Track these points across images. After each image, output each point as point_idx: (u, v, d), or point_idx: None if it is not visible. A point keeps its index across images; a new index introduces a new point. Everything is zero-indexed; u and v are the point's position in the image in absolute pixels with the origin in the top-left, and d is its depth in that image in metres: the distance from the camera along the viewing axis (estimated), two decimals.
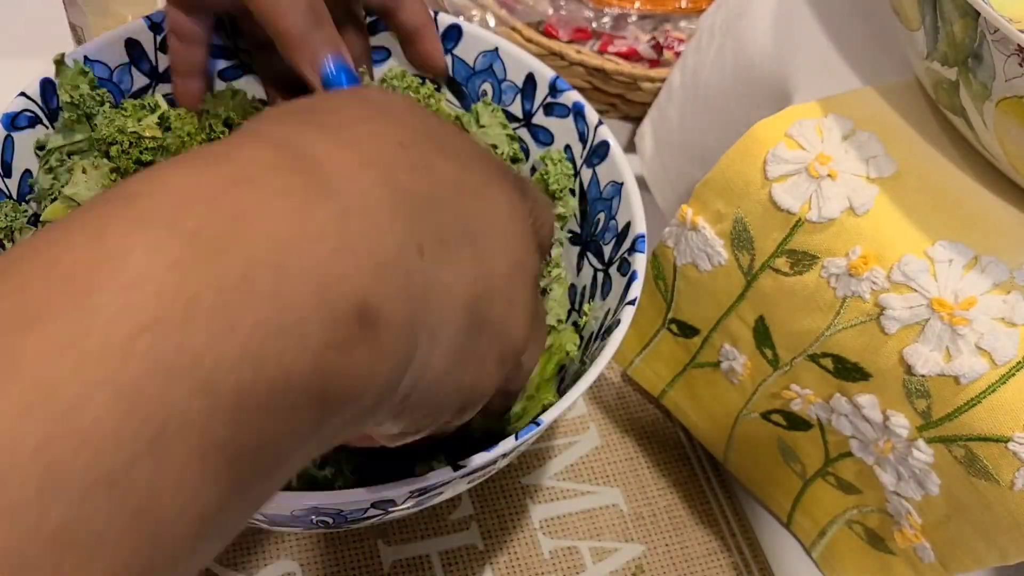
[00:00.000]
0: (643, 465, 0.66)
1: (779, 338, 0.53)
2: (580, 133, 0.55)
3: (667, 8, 0.79)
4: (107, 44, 0.51)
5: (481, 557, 0.60)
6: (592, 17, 0.78)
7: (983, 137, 0.46)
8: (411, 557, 0.59)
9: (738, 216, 0.51)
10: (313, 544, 0.58)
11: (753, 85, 0.57)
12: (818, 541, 0.59)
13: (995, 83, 0.42)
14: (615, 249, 0.52)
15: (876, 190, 0.47)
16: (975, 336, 0.44)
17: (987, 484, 0.46)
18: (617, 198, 0.53)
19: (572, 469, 0.65)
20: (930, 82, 0.48)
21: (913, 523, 0.51)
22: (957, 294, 0.45)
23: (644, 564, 0.61)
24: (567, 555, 0.61)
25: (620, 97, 0.78)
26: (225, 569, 0.57)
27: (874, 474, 0.52)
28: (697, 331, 0.58)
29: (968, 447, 0.46)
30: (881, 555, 0.55)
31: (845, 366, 0.50)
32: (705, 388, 0.61)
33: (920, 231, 0.46)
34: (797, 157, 0.48)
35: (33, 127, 0.49)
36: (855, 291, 0.47)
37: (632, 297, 0.47)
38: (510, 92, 0.57)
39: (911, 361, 0.46)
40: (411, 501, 0.42)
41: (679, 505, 0.64)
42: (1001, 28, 0.39)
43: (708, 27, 0.62)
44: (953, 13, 0.42)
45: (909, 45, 0.48)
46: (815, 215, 0.48)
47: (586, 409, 0.68)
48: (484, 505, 0.62)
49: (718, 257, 0.53)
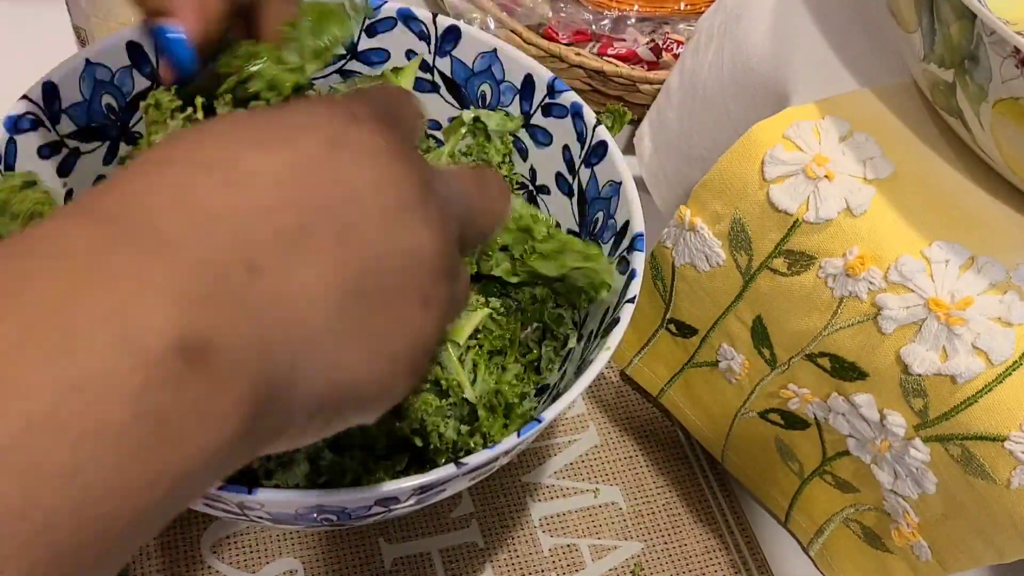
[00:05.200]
0: (642, 464, 0.66)
1: (777, 338, 0.53)
2: (578, 133, 0.56)
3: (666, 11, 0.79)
4: (110, 47, 0.51)
5: (481, 554, 0.60)
6: (591, 20, 0.78)
7: (979, 138, 0.46)
8: (412, 555, 0.59)
9: (736, 217, 0.51)
10: (315, 542, 0.58)
11: (751, 87, 0.58)
12: (816, 539, 0.60)
13: (991, 85, 0.42)
14: (614, 248, 0.53)
15: (873, 191, 0.48)
16: (971, 336, 0.44)
17: (984, 483, 0.46)
18: (615, 197, 0.53)
19: (571, 467, 0.65)
20: (927, 84, 0.48)
21: (910, 521, 0.52)
22: (953, 294, 0.45)
23: (643, 562, 0.61)
24: (566, 553, 0.61)
25: (619, 99, 0.78)
26: (228, 567, 0.57)
27: (871, 473, 0.52)
28: (695, 331, 0.59)
29: (965, 446, 0.46)
30: (878, 553, 0.55)
31: (842, 365, 0.50)
32: (703, 387, 0.61)
33: (917, 232, 0.47)
34: (795, 158, 0.48)
35: (35, 130, 0.49)
36: (852, 291, 0.48)
37: (631, 295, 0.47)
38: (508, 93, 0.58)
39: (908, 360, 0.46)
40: (414, 499, 0.42)
41: (678, 503, 0.65)
42: (997, 30, 0.40)
43: (706, 29, 0.62)
44: (950, 15, 0.42)
45: (906, 47, 0.48)
46: (812, 216, 0.48)
47: (585, 408, 0.68)
48: (484, 503, 0.62)
49: (716, 257, 0.53)
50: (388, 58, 0.59)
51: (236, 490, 0.38)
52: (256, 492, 0.38)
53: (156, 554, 0.57)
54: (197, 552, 0.57)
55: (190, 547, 0.57)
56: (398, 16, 0.57)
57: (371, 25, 0.58)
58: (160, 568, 0.56)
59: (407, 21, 0.57)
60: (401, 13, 0.57)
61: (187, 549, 0.57)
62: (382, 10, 0.57)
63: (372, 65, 0.59)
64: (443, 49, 0.58)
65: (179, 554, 0.57)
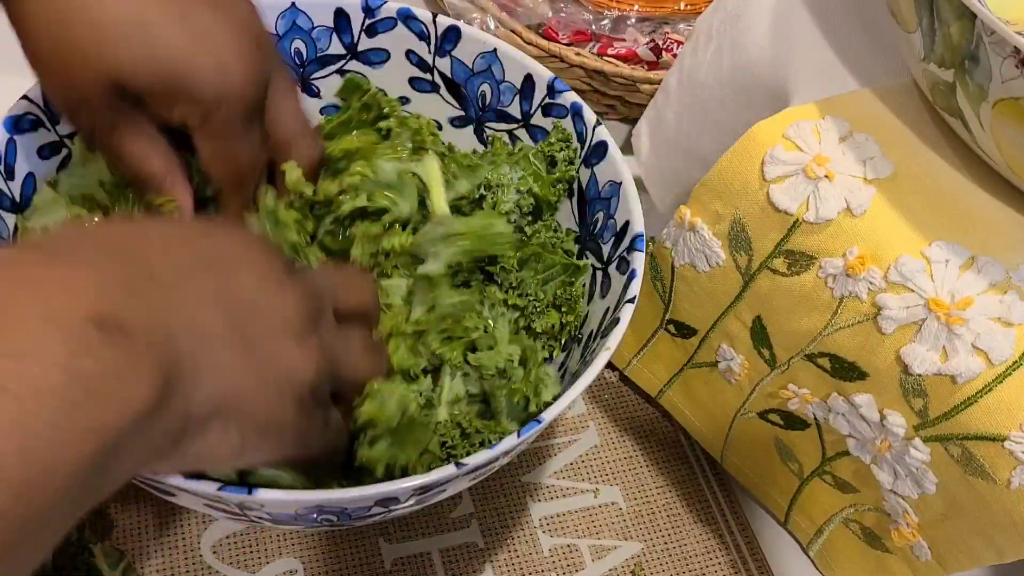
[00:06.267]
0: (642, 464, 0.66)
1: (776, 338, 0.53)
2: (578, 133, 0.56)
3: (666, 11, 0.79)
4: None
5: (481, 555, 0.60)
6: (591, 20, 0.78)
7: (979, 138, 0.46)
8: (412, 555, 0.59)
9: (736, 217, 0.51)
10: (315, 542, 0.58)
11: (750, 87, 0.58)
12: (815, 539, 0.60)
13: (991, 85, 0.42)
14: (614, 248, 0.53)
15: (873, 191, 0.48)
16: (971, 336, 0.44)
17: (984, 483, 0.46)
18: (615, 197, 0.53)
19: (571, 467, 0.65)
20: (927, 84, 0.48)
21: (910, 521, 0.52)
22: (954, 294, 0.45)
23: (643, 562, 0.61)
24: (566, 553, 0.61)
25: (619, 99, 0.78)
26: (228, 567, 0.57)
27: (871, 473, 0.52)
28: (695, 331, 0.59)
29: (965, 446, 0.46)
30: (878, 553, 0.55)
31: (842, 365, 0.50)
32: (703, 388, 0.61)
33: (917, 232, 0.47)
34: (795, 158, 0.48)
35: (35, 130, 0.49)
36: (852, 291, 0.48)
37: (631, 295, 0.47)
38: (508, 93, 0.58)
39: (908, 360, 0.46)
40: (414, 499, 0.42)
41: (677, 503, 0.65)
42: (997, 30, 0.40)
43: (705, 29, 0.62)
44: (950, 15, 0.42)
45: (906, 47, 0.48)
46: (812, 216, 0.48)
47: (585, 408, 0.68)
48: (484, 503, 0.62)
49: (716, 258, 0.53)
50: (388, 58, 0.59)
51: (236, 490, 0.38)
52: (256, 492, 0.38)
53: (156, 554, 0.57)
54: (197, 552, 0.57)
55: (190, 547, 0.57)
56: (398, 16, 0.57)
57: (371, 25, 0.58)
58: (160, 568, 0.56)
59: (407, 21, 0.57)
60: (401, 13, 0.57)
61: (187, 549, 0.57)
62: (382, 10, 0.57)
63: (372, 65, 0.59)
64: (443, 49, 0.58)
65: (179, 554, 0.57)
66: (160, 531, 0.58)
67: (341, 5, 0.57)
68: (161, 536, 0.58)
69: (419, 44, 0.58)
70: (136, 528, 0.58)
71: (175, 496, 0.41)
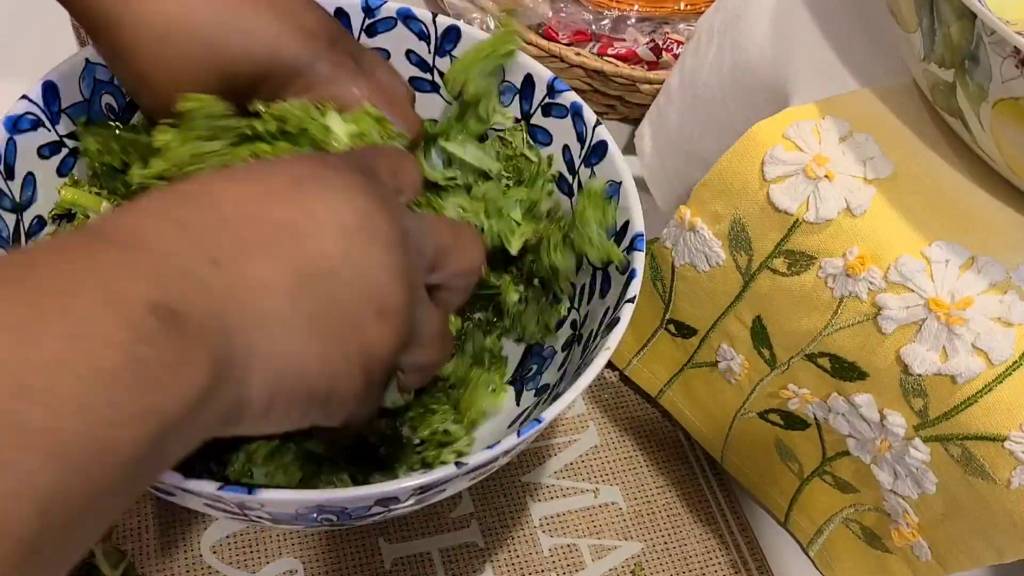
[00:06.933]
0: (642, 464, 0.66)
1: (776, 338, 0.53)
2: (578, 133, 0.56)
3: (666, 11, 0.79)
4: None
5: (481, 554, 0.60)
6: (591, 20, 0.78)
7: (980, 138, 0.46)
8: (412, 554, 0.59)
9: (736, 217, 0.51)
10: (315, 542, 0.58)
11: (751, 87, 0.58)
12: (815, 539, 0.60)
13: (992, 85, 0.42)
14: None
15: (873, 191, 0.48)
16: (971, 336, 0.44)
17: (984, 483, 0.46)
18: (615, 197, 0.53)
19: (571, 467, 0.65)
20: (927, 84, 0.48)
21: (910, 521, 0.52)
22: (954, 294, 0.45)
23: (643, 562, 0.61)
24: (566, 553, 0.61)
25: (619, 99, 0.78)
26: (228, 567, 0.57)
27: (871, 473, 0.52)
28: (695, 331, 0.59)
29: (965, 446, 0.46)
30: (878, 553, 0.55)
31: (842, 365, 0.50)
32: (703, 388, 0.61)
33: (917, 232, 0.47)
34: (795, 158, 0.48)
35: (35, 130, 0.49)
36: (852, 291, 0.48)
37: (631, 295, 0.47)
38: (508, 93, 0.58)
39: (908, 360, 0.46)
40: (414, 498, 0.42)
41: (677, 503, 0.65)
42: (998, 30, 0.40)
43: (706, 29, 0.62)
44: (950, 15, 0.42)
45: (906, 47, 0.48)
46: (812, 216, 0.48)
47: (585, 408, 0.68)
48: (484, 503, 0.62)
49: (716, 257, 0.53)
50: (388, 58, 0.59)
51: (236, 490, 0.38)
52: (256, 492, 0.38)
53: (156, 554, 0.57)
54: (197, 552, 0.57)
55: (190, 547, 0.57)
56: (398, 16, 0.57)
57: (371, 25, 0.58)
58: (160, 568, 0.56)
59: (407, 21, 0.57)
60: (401, 13, 0.57)
61: (187, 549, 0.57)
62: (382, 10, 0.57)
63: None
64: (443, 49, 0.58)
65: (179, 554, 0.57)
66: (160, 531, 0.58)
67: (341, 5, 0.57)
68: (161, 536, 0.58)
69: (419, 44, 0.58)
70: (136, 528, 0.58)
71: (175, 496, 0.41)
